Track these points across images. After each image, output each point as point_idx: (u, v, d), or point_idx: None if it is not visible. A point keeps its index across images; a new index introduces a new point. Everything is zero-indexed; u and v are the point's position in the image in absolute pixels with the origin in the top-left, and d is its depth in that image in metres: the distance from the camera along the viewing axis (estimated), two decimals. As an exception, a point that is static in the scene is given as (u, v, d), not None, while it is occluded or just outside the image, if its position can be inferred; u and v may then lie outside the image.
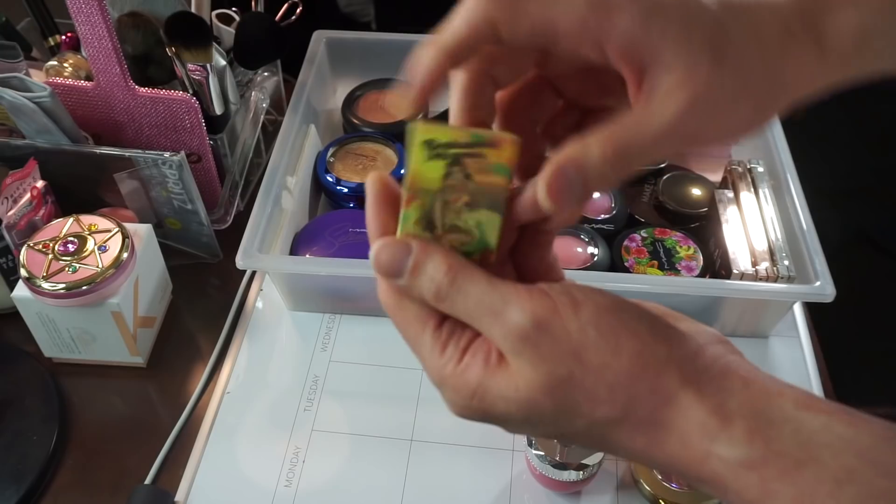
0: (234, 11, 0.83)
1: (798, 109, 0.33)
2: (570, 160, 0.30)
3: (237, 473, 0.65)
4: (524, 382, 0.30)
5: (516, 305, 0.30)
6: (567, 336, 0.30)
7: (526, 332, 0.30)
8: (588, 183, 0.30)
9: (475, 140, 0.31)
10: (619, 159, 0.29)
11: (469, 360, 0.31)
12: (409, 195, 0.32)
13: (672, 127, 0.29)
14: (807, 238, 0.70)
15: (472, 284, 0.31)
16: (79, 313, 0.66)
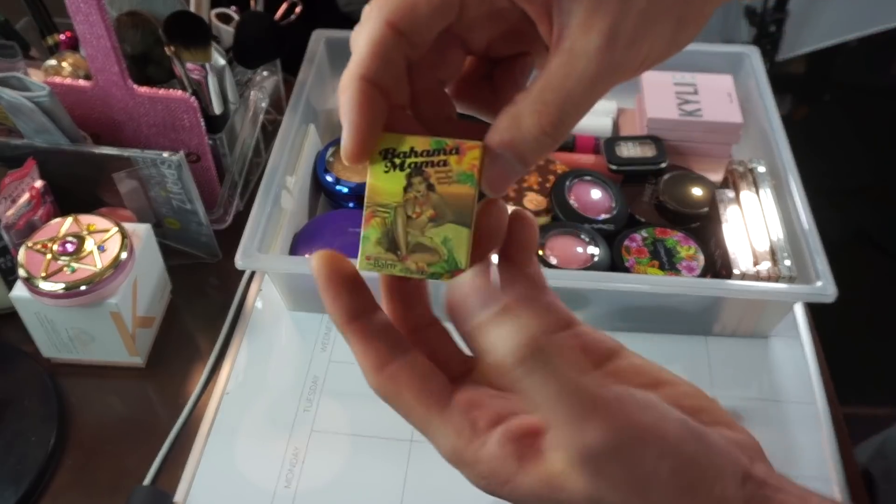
0: (233, 11, 0.83)
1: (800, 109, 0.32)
2: (503, 143, 0.28)
3: (236, 474, 0.64)
4: (569, 490, 0.26)
5: (599, 420, 0.25)
6: (640, 465, 0.26)
7: (593, 457, 0.25)
8: (527, 159, 0.28)
9: (436, 147, 0.29)
10: (555, 125, 0.27)
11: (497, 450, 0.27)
12: (368, 212, 0.29)
13: (599, 66, 0.27)
14: (808, 238, 0.69)
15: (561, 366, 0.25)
16: (77, 313, 0.65)
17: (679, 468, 0.26)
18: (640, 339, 0.74)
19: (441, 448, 0.29)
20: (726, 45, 0.94)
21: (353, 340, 0.29)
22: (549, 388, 0.25)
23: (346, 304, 0.29)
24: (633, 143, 0.82)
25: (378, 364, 0.29)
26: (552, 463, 0.27)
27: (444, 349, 0.32)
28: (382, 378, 0.29)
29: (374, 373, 0.29)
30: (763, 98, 0.85)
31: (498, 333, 0.25)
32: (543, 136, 0.27)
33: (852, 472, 0.66)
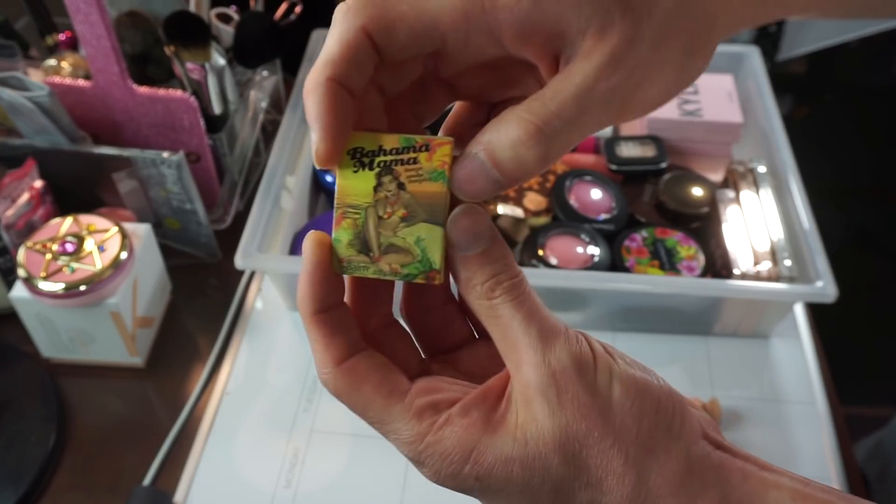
0: (233, 11, 0.83)
1: (800, 109, 0.32)
2: (479, 142, 0.27)
3: (236, 474, 0.64)
4: (535, 432, 0.27)
5: (563, 340, 0.27)
6: (597, 389, 0.27)
7: (563, 369, 0.27)
8: (503, 166, 0.26)
9: (405, 145, 0.28)
10: (535, 136, 0.26)
11: (460, 420, 0.27)
12: (339, 214, 0.28)
13: (595, 84, 0.26)
14: (808, 238, 0.69)
15: (528, 301, 0.28)
16: (77, 313, 0.65)
17: (635, 394, 0.27)
18: (640, 339, 0.74)
19: (402, 437, 0.28)
20: (727, 45, 0.94)
21: (315, 332, 0.29)
22: (521, 312, 0.28)
23: (320, 295, 0.29)
24: (634, 142, 0.82)
25: (336, 357, 0.29)
26: (514, 414, 0.27)
27: (403, 350, 0.32)
28: (340, 371, 0.29)
29: (333, 365, 0.29)
30: (763, 98, 0.85)
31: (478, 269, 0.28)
32: (521, 144, 0.26)
33: (852, 472, 0.66)
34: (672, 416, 0.28)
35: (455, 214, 0.28)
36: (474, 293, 0.28)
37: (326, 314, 0.29)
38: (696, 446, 0.28)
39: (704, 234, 0.76)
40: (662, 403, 0.28)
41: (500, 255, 0.28)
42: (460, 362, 0.32)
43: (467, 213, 0.28)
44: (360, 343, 0.30)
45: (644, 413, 0.27)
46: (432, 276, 0.29)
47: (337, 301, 0.29)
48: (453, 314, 0.32)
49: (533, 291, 0.28)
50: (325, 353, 0.29)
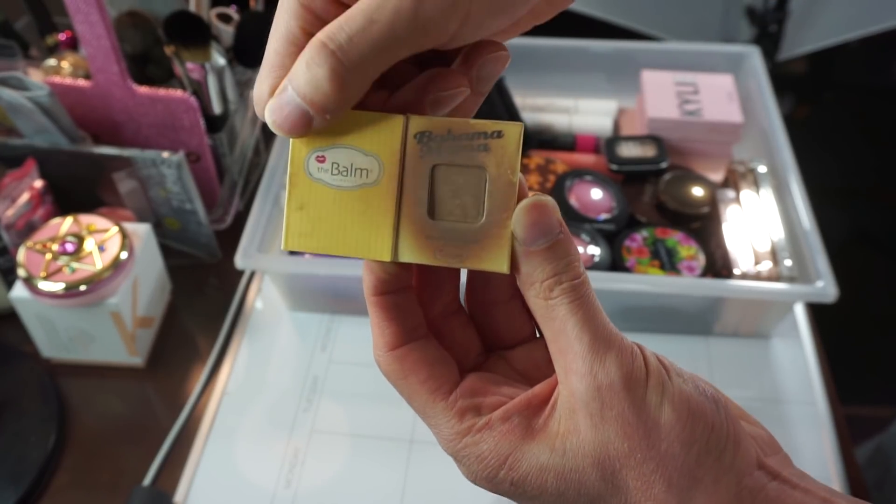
0: (233, 10, 0.83)
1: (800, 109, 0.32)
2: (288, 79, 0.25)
3: (236, 474, 0.64)
4: (575, 444, 0.26)
5: (616, 353, 0.26)
6: (645, 408, 0.26)
7: (611, 384, 0.26)
8: (303, 92, 0.25)
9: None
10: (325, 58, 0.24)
11: (501, 426, 0.27)
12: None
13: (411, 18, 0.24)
14: (809, 238, 0.69)
15: (587, 305, 0.27)
16: (77, 313, 0.65)
17: (687, 418, 0.26)
18: (640, 339, 0.73)
19: (441, 434, 0.28)
20: (727, 45, 0.94)
21: (373, 313, 0.29)
22: (577, 316, 0.27)
23: (380, 275, 0.29)
24: (634, 142, 0.82)
25: (390, 342, 0.29)
26: (557, 423, 0.27)
27: (464, 341, 0.32)
28: (391, 357, 0.29)
29: (384, 349, 0.29)
30: (764, 98, 0.84)
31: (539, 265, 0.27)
32: (312, 62, 0.25)
33: (853, 472, 0.66)
34: (725, 444, 0.27)
35: (521, 207, 0.27)
36: (533, 290, 0.27)
37: (386, 297, 0.29)
38: (749, 478, 0.27)
39: (705, 234, 0.76)
40: (716, 430, 0.27)
41: (564, 253, 0.27)
42: (516, 360, 0.31)
43: (534, 206, 0.27)
44: (419, 331, 0.29)
45: (694, 439, 0.26)
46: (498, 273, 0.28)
47: (400, 285, 0.29)
48: (517, 311, 0.31)
49: (593, 296, 0.27)
50: (379, 336, 0.29)
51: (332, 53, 0.24)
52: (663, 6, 1.35)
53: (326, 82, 0.25)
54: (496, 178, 0.27)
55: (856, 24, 1.37)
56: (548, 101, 0.90)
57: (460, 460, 0.28)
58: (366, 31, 0.24)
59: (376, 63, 0.25)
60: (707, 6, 1.39)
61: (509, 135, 0.27)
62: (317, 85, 0.25)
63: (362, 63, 0.25)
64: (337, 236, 0.28)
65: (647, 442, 0.26)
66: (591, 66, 0.92)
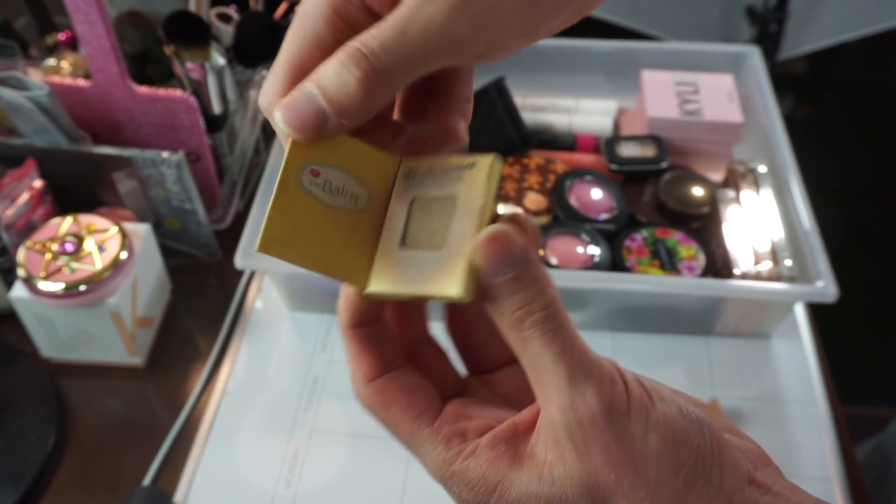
0: (233, 10, 0.83)
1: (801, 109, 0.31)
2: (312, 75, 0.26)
3: (236, 474, 0.64)
4: (562, 473, 0.26)
5: (595, 384, 0.26)
6: (630, 440, 0.25)
7: (592, 418, 0.25)
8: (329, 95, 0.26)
9: None
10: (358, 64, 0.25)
11: (488, 453, 0.27)
12: None
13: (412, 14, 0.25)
14: (809, 238, 0.69)
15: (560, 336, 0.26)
16: (77, 313, 0.65)
17: (672, 444, 0.26)
18: (640, 339, 0.74)
19: (429, 462, 0.28)
20: (727, 45, 0.94)
21: (350, 345, 0.29)
22: (551, 349, 0.26)
23: (357, 308, 0.29)
24: (634, 142, 0.82)
25: (370, 374, 0.29)
26: (543, 451, 0.26)
27: (439, 369, 0.31)
28: (370, 388, 0.29)
29: (363, 382, 0.29)
30: (764, 97, 0.84)
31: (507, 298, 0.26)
32: (343, 66, 0.25)
33: (853, 472, 0.66)
34: (711, 465, 0.26)
35: (481, 237, 0.26)
36: (504, 321, 0.27)
37: (361, 329, 0.29)
38: (740, 495, 0.26)
39: (705, 234, 0.76)
40: (701, 453, 0.26)
41: (532, 282, 0.26)
42: (499, 383, 0.31)
43: (494, 237, 0.25)
44: (397, 360, 0.29)
45: (681, 465, 0.26)
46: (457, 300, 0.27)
47: (376, 317, 0.29)
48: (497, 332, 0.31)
49: (567, 322, 0.26)
50: (357, 368, 0.29)
51: (365, 57, 0.25)
52: (663, 6, 1.35)
53: (355, 85, 0.25)
54: (463, 206, 0.27)
55: (856, 24, 1.37)
56: (548, 101, 0.90)
57: (450, 487, 0.28)
58: (398, 41, 0.25)
59: (404, 73, 0.26)
60: (707, 6, 1.39)
61: (480, 165, 0.27)
62: (345, 87, 0.25)
63: (391, 72, 0.25)
64: (315, 252, 0.27)
65: (634, 472, 0.26)
66: (591, 65, 0.92)
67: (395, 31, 0.25)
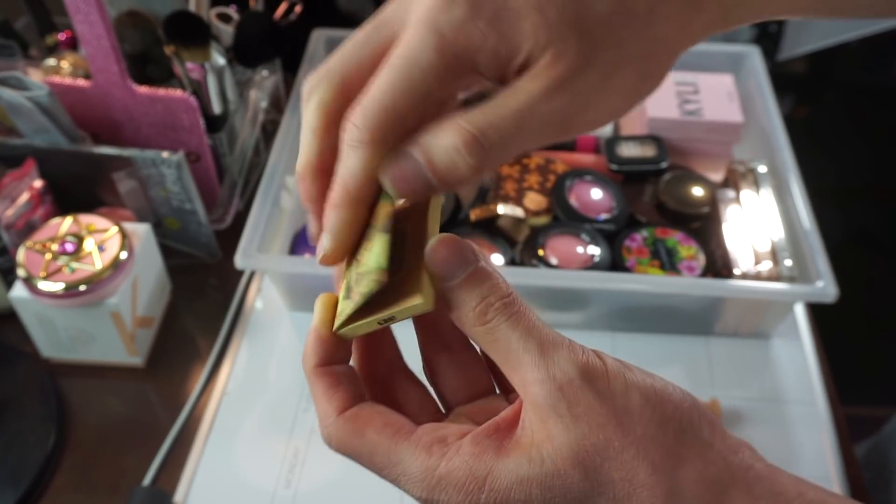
0: (233, 10, 0.83)
1: (800, 109, 0.31)
2: (416, 142, 0.27)
3: (236, 474, 0.64)
4: (551, 449, 0.26)
5: (566, 351, 0.26)
6: (612, 396, 0.26)
7: (569, 381, 0.26)
8: (439, 172, 0.26)
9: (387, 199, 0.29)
10: (471, 145, 0.26)
11: (471, 447, 0.27)
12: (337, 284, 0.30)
13: (534, 108, 0.26)
14: (809, 238, 0.69)
15: (524, 318, 0.27)
16: (77, 313, 0.65)
17: (657, 402, 0.26)
18: (640, 339, 0.74)
19: (411, 475, 0.27)
20: (727, 45, 0.94)
21: (319, 384, 0.29)
22: (518, 330, 0.27)
23: (326, 351, 0.29)
24: (634, 142, 0.82)
25: (341, 406, 0.28)
26: (530, 435, 0.26)
27: (416, 397, 0.32)
28: (343, 419, 0.28)
29: (335, 415, 0.28)
30: (764, 97, 0.84)
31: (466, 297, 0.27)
32: (456, 152, 0.26)
33: (853, 472, 0.66)
34: (700, 423, 0.26)
35: (430, 246, 0.27)
36: (469, 321, 0.27)
37: (327, 368, 0.29)
38: (735, 457, 0.27)
39: (705, 234, 0.76)
40: (686, 411, 0.26)
41: (485, 276, 0.27)
42: (477, 414, 0.31)
43: (442, 242, 0.27)
44: (364, 396, 0.29)
45: (668, 419, 0.26)
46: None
47: (341, 359, 0.30)
48: (471, 361, 0.31)
49: (528, 308, 0.28)
50: (328, 403, 0.29)
51: (481, 147, 0.26)
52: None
53: (466, 171, 0.26)
54: (413, 232, 0.29)
55: (856, 24, 1.37)
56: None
57: (438, 499, 0.27)
58: (515, 136, 0.26)
59: (509, 157, 0.28)
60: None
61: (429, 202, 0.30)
62: (455, 171, 0.26)
63: (499, 158, 0.27)
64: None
65: (621, 429, 0.25)
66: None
67: (515, 124, 0.26)
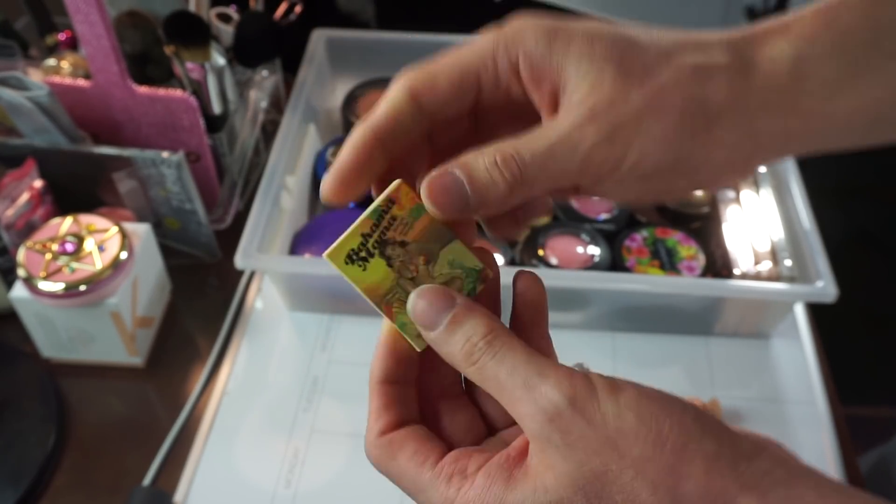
0: (232, 10, 0.83)
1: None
2: (458, 161, 0.28)
3: (236, 474, 0.64)
4: (553, 479, 0.26)
5: (552, 381, 0.27)
6: (603, 421, 0.26)
7: (558, 411, 0.26)
8: (476, 187, 0.28)
9: (376, 214, 0.30)
10: (509, 168, 0.28)
11: (483, 480, 0.28)
12: (384, 307, 0.30)
13: (572, 138, 0.28)
14: (808, 238, 0.69)
15: (510, 352, 0.28)
16: (77, 313, 0.65)
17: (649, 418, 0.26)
18: (640, 339, 0.74)
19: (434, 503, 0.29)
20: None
21: (375, 400, 0.31)
22: (504, 366, 0.27)
23: (389, 368, 0.31)
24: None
25: (384, 429, 0.31)
26: (535, 466, 0.27)
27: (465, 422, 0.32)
28: (381, 441, 0.31)
29: (376, 436, 0.31)
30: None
31: (451, 341, 0.28)
32: (495, 168, 0.28)
33: (853, 472, 0.66)
34: (701, 435, 0.26)
35: (410, 300, 0.29)
36: (459, 363, 0.29)
37: (390, 385, 0.31)
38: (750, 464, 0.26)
39: (705, 234, 0.76)
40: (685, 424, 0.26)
41: (466, 317, 0.29)
42: (510, 437, 0.32)
43: (420, 294, 0.29)
44: (415, 418, 0.31)
45: (664, 437, 0.26)
46: (484, 276, 0.30)
47: (405, 378, 0.31)
48: None
49: (512, 339, 0.28)
50: (375, 422, 0.31)
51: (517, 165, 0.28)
52: (663, 5, 1.35)
53: (503, 186, 0.28)
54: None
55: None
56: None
57: None
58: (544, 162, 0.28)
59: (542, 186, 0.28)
60: (707, 6, 1.39)
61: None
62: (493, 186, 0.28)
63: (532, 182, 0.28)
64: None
65: (617, 453, 0.25)
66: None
67: (545, 147, 0.28)
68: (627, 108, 0.28)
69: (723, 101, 0.28)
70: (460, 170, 0.28)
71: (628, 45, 0.28)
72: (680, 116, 0.28)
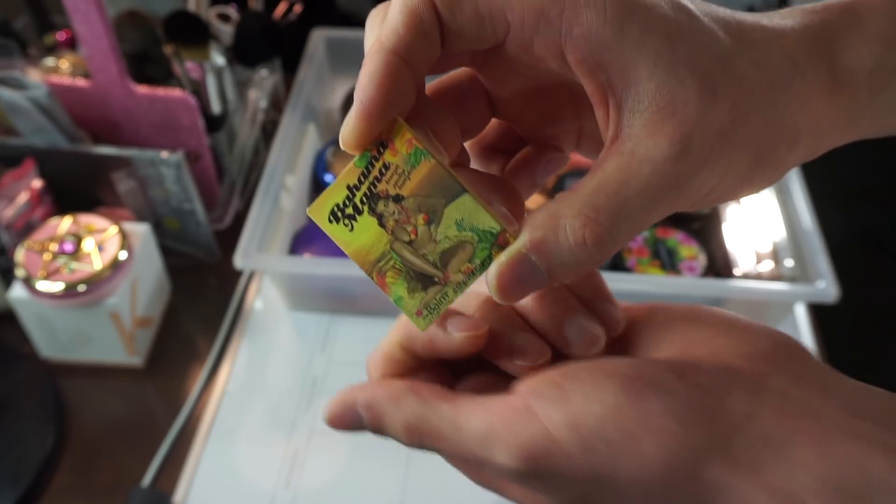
0: (232, 10, 0.83)
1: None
2: (534, 244, 0.23)
3: (236, 475, 0.64)
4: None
5: (499, 445, 0.23)
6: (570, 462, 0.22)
7: (519, 475, 0.23)
8: (555, 272, 0.23)
9: (365, 162, 0.24)
10: (600, 238, 0.22)
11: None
12: (376, 276, 0.25)
13: (665, 179, 0.22)
14: (810, 238, 0.69)
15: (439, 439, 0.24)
16: (76, 314, 0.65)
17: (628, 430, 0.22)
18: (641, 340, 0.74)
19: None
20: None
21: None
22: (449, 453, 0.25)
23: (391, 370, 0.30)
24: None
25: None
26: None
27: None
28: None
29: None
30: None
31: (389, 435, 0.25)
32: (582, 248, 0.22)
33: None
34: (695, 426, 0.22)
35: (326, 416, 0.26)
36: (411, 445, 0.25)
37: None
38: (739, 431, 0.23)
39: (706, 234, 0.76)
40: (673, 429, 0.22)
41: (383, 424, 0.25)
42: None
43: (333, 405, 0.27)
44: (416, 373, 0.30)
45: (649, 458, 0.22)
46: (503, 241, 0.24)
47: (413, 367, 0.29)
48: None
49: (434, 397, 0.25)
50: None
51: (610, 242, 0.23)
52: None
53: (590, 264, 0.23)
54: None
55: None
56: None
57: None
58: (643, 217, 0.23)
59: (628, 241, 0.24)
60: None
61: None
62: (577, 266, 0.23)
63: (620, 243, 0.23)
64: None
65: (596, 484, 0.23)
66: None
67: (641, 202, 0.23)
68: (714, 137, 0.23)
69: (804, 125, 0.25)
70: (538, 256, 0.23)
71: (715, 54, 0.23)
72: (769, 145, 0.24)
